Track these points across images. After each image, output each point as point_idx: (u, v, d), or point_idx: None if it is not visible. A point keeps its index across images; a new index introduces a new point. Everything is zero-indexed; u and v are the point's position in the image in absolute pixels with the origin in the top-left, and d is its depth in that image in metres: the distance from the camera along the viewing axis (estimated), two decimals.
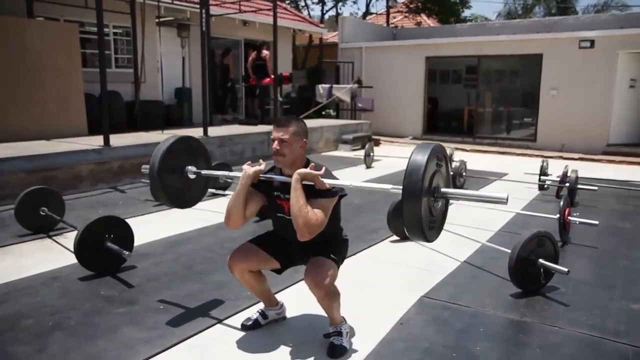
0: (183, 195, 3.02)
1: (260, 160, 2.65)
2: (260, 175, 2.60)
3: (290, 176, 2.47)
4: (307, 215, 2.35)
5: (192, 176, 2.96)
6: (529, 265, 3.43)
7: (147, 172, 2.93)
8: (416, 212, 2.11)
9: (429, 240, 2.27)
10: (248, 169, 2.58)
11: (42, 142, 7.05)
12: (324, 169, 2.47)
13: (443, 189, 2.26)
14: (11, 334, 2.82)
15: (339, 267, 2.63)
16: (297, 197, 2.38)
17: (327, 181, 2.44)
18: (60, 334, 2.82)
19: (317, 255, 2.58)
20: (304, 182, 2.42)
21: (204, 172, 2.99)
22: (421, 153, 2.14)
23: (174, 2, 10.35)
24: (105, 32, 9.70)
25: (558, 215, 4.53)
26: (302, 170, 2.45)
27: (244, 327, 2.91)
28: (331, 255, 2.58)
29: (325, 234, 2.52)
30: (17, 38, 7.28)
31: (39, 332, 2.83)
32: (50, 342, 2.73)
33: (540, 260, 3.43)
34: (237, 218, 2.57)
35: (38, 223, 4.63)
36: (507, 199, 2.12)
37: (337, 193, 2.51)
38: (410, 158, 2.13)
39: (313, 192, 2.44)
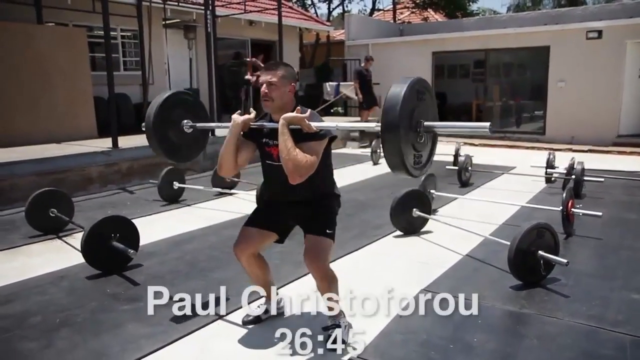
0: (179, 149, 3.11)
1: (251, 109, 2.69)
2: (251, 124, 2.62)
3: None
4: (296, 158, 2.35)
5: (188, 130, 3.03)
6: (528, 257, 3.44)
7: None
8: (396, 148, 2.05)
9: (414, 176, 2.24)
10: (237, 117, 2.61)
11: (52, 145, 7.17)
12: (309, 111, 2.48)
13: (427, 123, 2.18)
14: (19, 331, 2.91)
15: (334, 239, 2.65)
16: (284, 141, 2.37)
17: (314, 124, 2.43)
18: (67, 331, 2.90)
19: (312, 228, 2.61)
20: (291, 127, 2.41)
21: (199, 125, 3.06)
22: (399, 87, 2.06)
23: (180, 4, 10.45)
24: (113, 36, 9.83)
25: (561, 208, 4.53)
26: (288, 114, 2.45)
27: (244, 322, 2.96)
28: (327, 231, 2.60)
29: (317, 181, 2.56)
30: (26, 44, 7.41)
31: (47, 329, 2.92)
32: (57, 338, 2.81)
33: (540, 252, 3.44)
34: (229, 165, 2.61)
35: (48, 224, 4.73)
36: (489, 128, 2.05)
37: (326, 135, 2.49)
38: (387, 93, 2.06)
39: (302, 136, 2.43)
